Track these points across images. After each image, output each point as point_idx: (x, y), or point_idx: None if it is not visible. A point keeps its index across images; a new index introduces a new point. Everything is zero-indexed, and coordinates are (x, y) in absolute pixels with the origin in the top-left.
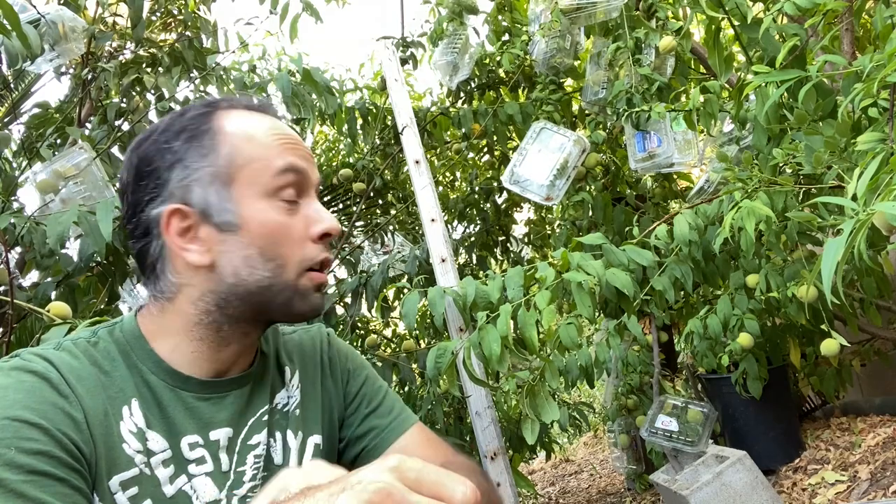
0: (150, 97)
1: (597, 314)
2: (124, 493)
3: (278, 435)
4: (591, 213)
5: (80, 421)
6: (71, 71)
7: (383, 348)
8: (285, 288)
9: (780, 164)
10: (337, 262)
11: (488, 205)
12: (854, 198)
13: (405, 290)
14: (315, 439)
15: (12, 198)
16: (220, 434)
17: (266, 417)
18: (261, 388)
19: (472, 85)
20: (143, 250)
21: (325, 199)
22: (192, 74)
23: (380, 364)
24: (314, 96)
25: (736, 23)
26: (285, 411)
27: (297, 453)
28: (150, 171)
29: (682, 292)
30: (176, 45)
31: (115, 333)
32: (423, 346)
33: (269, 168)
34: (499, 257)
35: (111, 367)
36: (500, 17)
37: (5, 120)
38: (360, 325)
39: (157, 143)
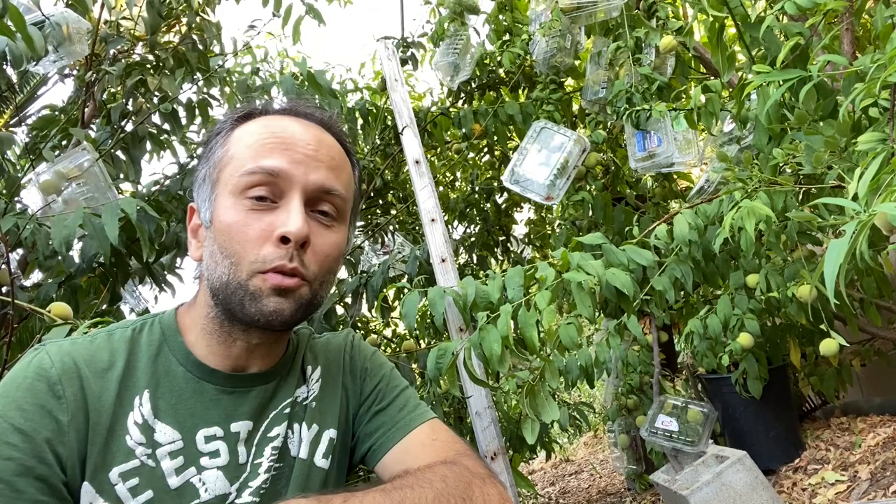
0: (154, 99)
1: (597, 314)
2: (124, 483)
3: (296, 426)
4: (591, 213)
5: (65, 423)
6: (75, 72)
7: (383, 348)
8: (238, 287)
9: (781, 164)
10: None
11: (489, 205)
12: (855, 198)
13: (405, 290)
14: (330, 433)
15: (15, 199)
16: (241, 426)
17: (287, 410)
18: (285, 385)
19: (473, 85)
20: None
21: None
22: (195, 77)
23: None
24: (317, 98)
25: (739, 22)
26: (304, 404)
27: (310, 444)
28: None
29: (682, 292)
30: (179, 47)
31: (154, 325)
32: (423, 346)
33: (240, 167)
34: (499, 257)
35: (135, 357)
36: (500, 17)
37: (10, 122)
38: (360, 325)
39: (205, 146)
